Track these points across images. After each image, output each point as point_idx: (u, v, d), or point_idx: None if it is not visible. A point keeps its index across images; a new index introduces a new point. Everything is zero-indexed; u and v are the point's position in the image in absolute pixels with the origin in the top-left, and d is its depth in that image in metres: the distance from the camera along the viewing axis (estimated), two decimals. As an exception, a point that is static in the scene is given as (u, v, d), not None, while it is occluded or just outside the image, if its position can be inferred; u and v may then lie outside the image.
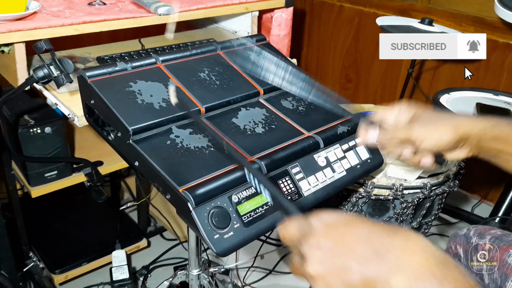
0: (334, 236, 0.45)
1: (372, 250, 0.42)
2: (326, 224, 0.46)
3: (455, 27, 1.73)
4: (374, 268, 0.41)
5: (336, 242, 0.44)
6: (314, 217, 0.47)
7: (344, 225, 0.46)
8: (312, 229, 0.46)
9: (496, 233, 0.81)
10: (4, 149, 1.18)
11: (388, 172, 1.03)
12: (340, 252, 0.43)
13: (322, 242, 0.44)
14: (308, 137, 0.78)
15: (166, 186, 0.64)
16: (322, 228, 0.45)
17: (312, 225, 0.46)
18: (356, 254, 0.43)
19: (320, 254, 0.44)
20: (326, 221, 0.46)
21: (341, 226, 0.46)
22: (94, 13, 1.01)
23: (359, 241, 0.43)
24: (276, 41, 1.34)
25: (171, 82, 0.78)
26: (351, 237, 0.44)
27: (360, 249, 0.43)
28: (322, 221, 0.46)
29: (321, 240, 0.45)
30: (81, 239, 1.53)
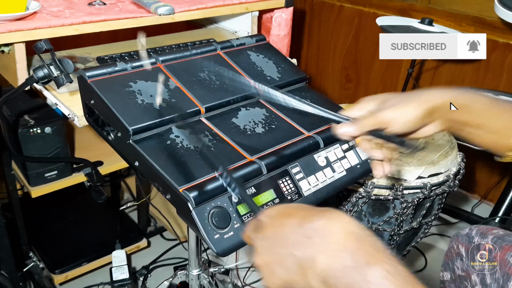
0: (275, 226, 0.49)
1: (302, 235, 0.46)
2: (270, 216, 0.50)
3: (455, 27, 1.73)
4: (304, 250, 0.46)
5: (276, 232, 0.49)
6: (263, 213, 0.51)
7: (284, 215, 0.50)
8: (261, 223, 0.50)
9: (499, 233, 0.81)
10: (4, 149, 1.18)
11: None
12: (279, 240, 0.48)
13: (266, 233, 0.49)
14: (308, 137, 0.78)
15: (166, 186, 0.64)
16: (268, 221, 0.50)
17: (261, 220, 0.51)
18: (289, 240, 0.47)
19: (263, 243, 0.49)
20: (271, 214, 0.51)
21: (282, 216, 0.50)
22: (94, 13, 1.01)
23: (293, 228, 0.47)
24: (276, 41, 1.34)
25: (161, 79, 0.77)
26: (287, 225, 0.48)
27: (293, 235, 0.47)
28: (268, 215, 0.51)
29: (265, 231, 0.49)
30: (81, 239, 1.53)
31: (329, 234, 0.45)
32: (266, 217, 0.51)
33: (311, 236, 0.46)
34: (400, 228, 1.10)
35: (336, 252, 0.44)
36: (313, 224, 0.47)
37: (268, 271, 0.48)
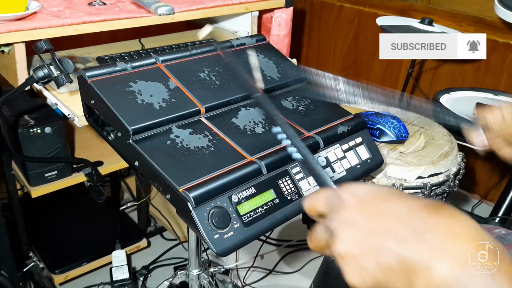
0: (369, 212, 0.40)
1: (412, 230, 0.37)
2: (358, 197, 0.41)
3: (455, 27, 1.73)
4: (415, 250, 0.36)
5: (371, 220, 0.39)
6: (345, 190, 0.42)
7: (380, 200, 0.41)
8: (344, 203, 0.41)
9: (500, 232, 0.80)
10: (4, 149, 1.18)
11: (388, 172, 1.03)
12: (376, 230, 0.38)
13: (356, 218, 0.40)
14: (308, 137, 0.78)
15: (166, 186, 0.64)
16: (355, 202, 0.41)
17: (344, 198, 0.41)
18: (394, 234, 0.38)
19: (353, 231, 0.39)
20: (360, 195, 0.41)
21: (377, 201, 0.41)
22: (94, 13, 1.01)
23: (398, 219, 0.38)
24: (276, 41, 1.34)
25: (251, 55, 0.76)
26: (388, 214, 0.39)
27: (399, 229, 0.38)
28: (356, 195, 0.41)
29: (355, 216, 0.40)
30: (81, 239, 1.53)
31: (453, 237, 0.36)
32: (350, 196, 0.41)
33: (425, 234, 0.37)
34: (400, 228, 1.10)
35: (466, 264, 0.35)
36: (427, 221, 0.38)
37: (356, 265, 0.39)
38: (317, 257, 1.59)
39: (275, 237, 1.65)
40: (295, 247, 1.65)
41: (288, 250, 1.63)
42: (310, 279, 1.35)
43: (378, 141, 1.08)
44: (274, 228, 0.72)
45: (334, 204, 0.42)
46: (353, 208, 0.40)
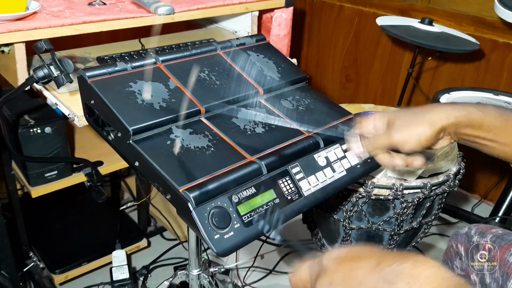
0: (344, 271, 0.45)
1: (381, 280, 0.42)
2: (335, 260, 0.46)
3: (455, 27, 1.73)
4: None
5: (346, 277, 0.44)
6: (323, 257, 0.47)
7: (352, 259, 0.45)
8: (322, 268, 0.46)
9: (498, 232, 0.81)
10: (4, 149, 1.18)
11: (388, 172, 1.03)
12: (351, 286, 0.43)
13: (334, 279, 0.44)
14: (308, 137, 0.78)
15: (166, 186, 0.64)
16: (332, 265, 0.46)
17: (322, 265, 0.46)
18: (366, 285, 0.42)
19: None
20: (335, 258, 0.46)
21: (350, 260, 0.45)
22: (94, 13, 1.01)
23: (368, 273, 0.43)
24: (276, 41, 1.34)
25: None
26: (360, 269, 0.44)
27: (370, 280, 0.42)
28: (331, 259, 0.46)
29: (332, 276, 0.45)
30: (81, 239, 1.53)
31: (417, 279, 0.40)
32: (328, 261, 0.47)
33: (394, 282, 0.41)
34: (400, 228, 1.10)
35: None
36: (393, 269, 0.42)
37: None
38: (317, 257, 1.59)
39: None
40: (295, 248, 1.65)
41: (288, 250, 1.63)
42: (310, 279, 1.35)
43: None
44: (274, 228, 0.72)
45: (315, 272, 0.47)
46: (331, 271, 0.45)
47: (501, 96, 1.49)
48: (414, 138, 0.66)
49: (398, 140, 0.66)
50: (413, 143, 0.66)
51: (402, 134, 0.66)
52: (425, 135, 0.65)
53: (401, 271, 0.41)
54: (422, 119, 0.66)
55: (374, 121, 0.71)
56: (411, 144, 0.66)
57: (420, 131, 0.65)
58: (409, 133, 0.66)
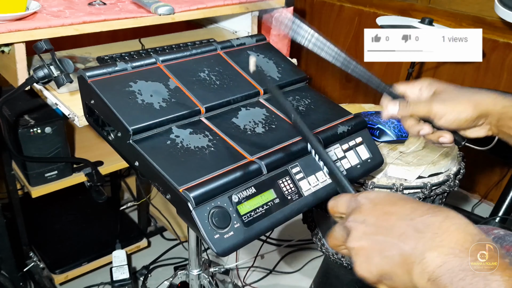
0: (378, 213, 0.47)
1: (411, 227, 0.44)
2: (372, 201, 0.48)
3: (455, 26, 1.73)
4: (412, 243, 0.43)
5: (379, 219, 0.46)
6: (362, 195, 0.49)
7: (388, 203, 0.47)
8: (359, 205, 0.48)
9: (499, 233, 0.81)
10: (4, 149, 1.18)
11: (388, 172, 1.03)
12: (382, 228, 0.45)
13: (367, 218, 0.47)
14: (308, 137, 0.78)
15: (166, 186, 0.64)
16: (368, 205, 0.48)
17: (359, 202, 0.49)
18: (396, 231, 0.44)
19: (364, 228, 0.46)
20: (373, 199, 0.49)
21: (386, 204, 0.47)
22: (94, 13, 1.01)
23: (401, 219, 0.45)
24: (276, 41, 1.34)
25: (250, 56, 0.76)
26: (394, 214, 0.46)
27: (401, 226, 0.44)
28: (369, 199, 0.49)
29: (366, 216, 0.47)
30: (81, 239, 1.53)
31: (445, 232, 0.42)
32: (365, 200, 0.49)
33: (423, 231, 0.43)
34: (400, 228, 1.10)
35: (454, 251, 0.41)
36: (425, 219, 0.44)
37: (365, 257, 0.46)
38: (317, 257, 1.59)
39: (275, 237, 1.66)
40: (295, 247, 1.65)
41: (288, 250, 1.63)
42: (310, 279, 1.35)
43: (378, 141, 1.08)
44: (274, 228, 0.72)
45: (352, 206, 0.49)
46: (366, 210, 0.48)
47: (501, 96, 1.49)
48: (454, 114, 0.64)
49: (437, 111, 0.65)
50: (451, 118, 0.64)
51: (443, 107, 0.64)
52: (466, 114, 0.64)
53: (431, 222, 0.43)
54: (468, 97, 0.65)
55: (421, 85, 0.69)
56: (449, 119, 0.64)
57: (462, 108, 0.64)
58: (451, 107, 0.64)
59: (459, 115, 0.64)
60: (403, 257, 0.43)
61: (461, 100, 0.65)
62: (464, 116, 0.64)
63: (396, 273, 0.44)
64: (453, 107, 0.64)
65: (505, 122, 0.65)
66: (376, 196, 0.49)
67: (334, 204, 0.52)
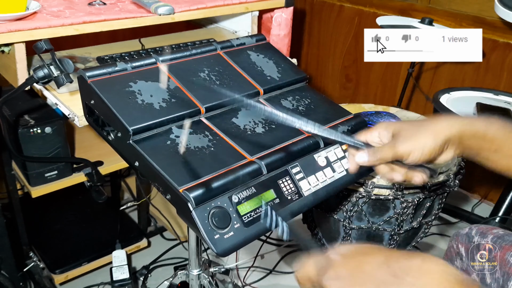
0: (351, 265, 0.46)
1: (390, 274, 0.43)
2: (343, 255, 0.47)
3: (455, 26, 1.73)
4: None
5: (354, 271, 0.45)
6: (331, 251, 0.48)
7: (361, 254, 0.47)
8: (329, 262, 0.47)
9: (498, 233, 0.81)
10: (4, 149, 1.18)
11: (388, 172, 1.03)
12: (359, 279, 0.45)
13: (341, 272, 0.46)
14: (308, 137, 0.78)
15: (166, 186, 0.64)
16: (340, 259, 0.47)
17: (329, 259, 0.47)
18: (374, 279, 0.44)
19: (339, 284, 0.45)
20: (343, 252, 0.48)
21: (358, 255, 0.47)
22: (94, 13, 1.01)
23: (377, 267, 0.44)
24: (276, 41, 1.34)
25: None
26: (368, 264, 0.45)
27: (378, 274, 0.44)
28: (339, 253, 0.48)
29: (339, 270, 0.46)
30: (81, 239, 1.53)
31: (425, 274, 0.42)
32: (336, 256, 0.48)
33: (402, 276, 0.43)
34: (400, 228, 1.10)
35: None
36: (401, 264, 0.44)
37: None
38: (317, 257, 1.59)
39: (275, 237, 1.65)
40: (295, 247, 1.65)
41: (288, 250, 1.63)
42: (310, 279, 1.35)
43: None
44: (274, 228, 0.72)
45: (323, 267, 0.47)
46: (338, 265, 0.47)
47: (501, 96, 1.49)
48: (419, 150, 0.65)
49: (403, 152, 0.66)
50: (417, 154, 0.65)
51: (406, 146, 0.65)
52: (429, 146, 0.65)
53: (409, 267, 0.43)
54: (426, 130, 0.66)
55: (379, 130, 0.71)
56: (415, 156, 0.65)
57: (424, 142, 0.65)
58: (413, 144, 0.65)
59: (423, 150, 0.65)
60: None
61: (421, 135, 0.66)
62: (428, 149, 0.65)
63: None
64: (415, 143, 0.65)
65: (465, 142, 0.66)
66: (346, 249, 0.49)
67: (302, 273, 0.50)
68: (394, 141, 0.67)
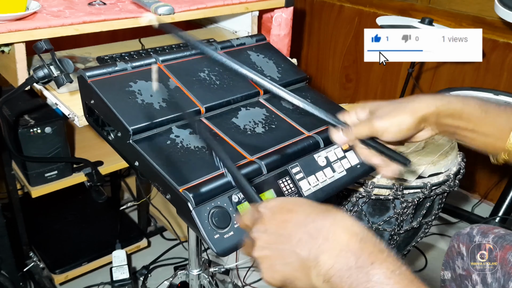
0: (277, 221, 0.50)
1: (306, 234, 0.48)
2: (271, 210, 0.51)
3: (455, 26, 1.73)
4: (307, 249, 0.47)
5: (278, 227, 0.49)
6: (262, 205, 0.52)
7: (285, 211, 0.51)
8: (261, 215, 0.51)
9: (500, 232, 0.81)
10: (4, 149, 1.18)
11: (388, 172, 1.03)
12: (282, 236, 0.49)
13: (268, 227, 0.50)
14: (308, 136, 0.78)
15: (166, 186, 0.64)
16: (268, 214, 0.51)
17: (261, 212, 0.51)
18: (293, 238, 0.48)
19: (265, 238, 0.50)
20: (271, 207, 0.51)
21: (283, 212, 0.51)
22: (94, 13, 1.01)
23: (296, 226, 0.49)
24: (276, 41, 1.34)
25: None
26: (290, 222, 0.49)
27: (297, 233, 0.48)
28: (268, 208, 0.51)
29: (268, 225, 0.50)
30: (81, 239, 1.53)
31: (333, 235, 0.47)
32: (266, 210, 0.51)
33: (315, 236, 0.47)
34: (400, 228, 1.10)
35: (340, 253, 0.45)
36: (316, 224, 0.48)
37: (268, 266, 0.49)
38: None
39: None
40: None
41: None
42: (310, 279, 1.35)
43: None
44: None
45: (255, 217, 0.52)
46: (267, 219, 0.51)
47: (501, 96, 1.49)
48: (395, 127, 0.66)
49: (378, 128, 0.67)
50: (394, 131, 0.66)
51: (383, 122, 0.66)
52: (406, 123, 0.66)
53: (321, 227, 0.48)
54: (403, 108, 0.67)
55: (356, 109, 0.72)
56: (392, 132, 0.66)
57: (402, 119, 0.66)
58: (390, 121, 0.66)
59: (400, 126, 0.66)
60: (301, 262, 0.47)
61: (398, 112, 0.67)
62: (406, 126, 0.66)
63: (297, 278, 0.48)
64: (392, 120, 0.66)
65: (442, 121, 0.67)
66: (275, 204, 0.52)
67: (240, 218, 0.55)
68: (371, 118, 0.68)
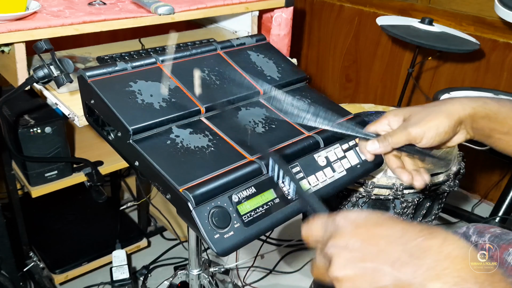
0: (363, 236, 0.42)
1: (406, 253, 0.39)
2: (354, 223, 0.43)
3: (455, 26, 1.73)
4: (409, 272, 0.38)
5: (365, 243, 0.41)
6: (341, 216, 0.44)
7: (374, 225, 0.42)
8: (338, 228, 0.43)
9: (496, 232, 0.80)
10: (4, 149, 1.18)
11: (389, 172, 1.03)
12: (371, 253, 0.40)
13: (350, 242, 0.41)
14: (308, 136, 0.78)
15: (166, 186, 0.64)
16: (350, 227, 0.43)
17: (338, 224, 0.43)
18: (388, 256, 0.39)
19: (348, 255, 0.41)
20: (354, 220, 0.43)
21: (371, 225, 0.42)
22: (94, 13, 1.01)
23: (391, 242, 0.40)
24: (276, 41, 1.34)
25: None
26: (382, 237, 0.41)
27: (393, 251, 0.39)
28: (350, 220, 0.43)
29: (349, 240, 0.42)
30: (81, 239, 1.53)
31: (447, 258, 0.38)
32: (345, 221, 0.43)
33: (421, 257, 0.38)
34: (400, 228, 1.10)
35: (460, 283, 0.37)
36: (421, 242, 0.39)
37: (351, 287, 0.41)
38: (317, 257, 1.59)
39: (275, 237, 1.65)
40: (295, 247, 1.65)
41: (288, 250, 1.63)
42: (310, 279, 1.35)
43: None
44: (274, 228, 0.72)
45: (329, 230, 0.43)
46: (348, 233, 0.42)
47: (501, 96, 1.49)
48: (433, 131, 0.63)
49: (416, 134, 0.64)
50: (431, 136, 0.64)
51: (420, 128, 0.64)
52: (443, 127, 0.63)
53: (428, 247, 0.39)
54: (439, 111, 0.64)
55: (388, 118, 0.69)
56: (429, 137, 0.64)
57: (438, 123, 0.63)
58: (427, 126, 0.64)
59: (437, 130, 0.64)
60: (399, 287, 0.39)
61: (434, 115, 0.65)
62: (443, 129, 0.64)
63: None
64: (429, 124, 0.64)
65: (477, 123, 0.65)
66: (357, 216, 0.44)
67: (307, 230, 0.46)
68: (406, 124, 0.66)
